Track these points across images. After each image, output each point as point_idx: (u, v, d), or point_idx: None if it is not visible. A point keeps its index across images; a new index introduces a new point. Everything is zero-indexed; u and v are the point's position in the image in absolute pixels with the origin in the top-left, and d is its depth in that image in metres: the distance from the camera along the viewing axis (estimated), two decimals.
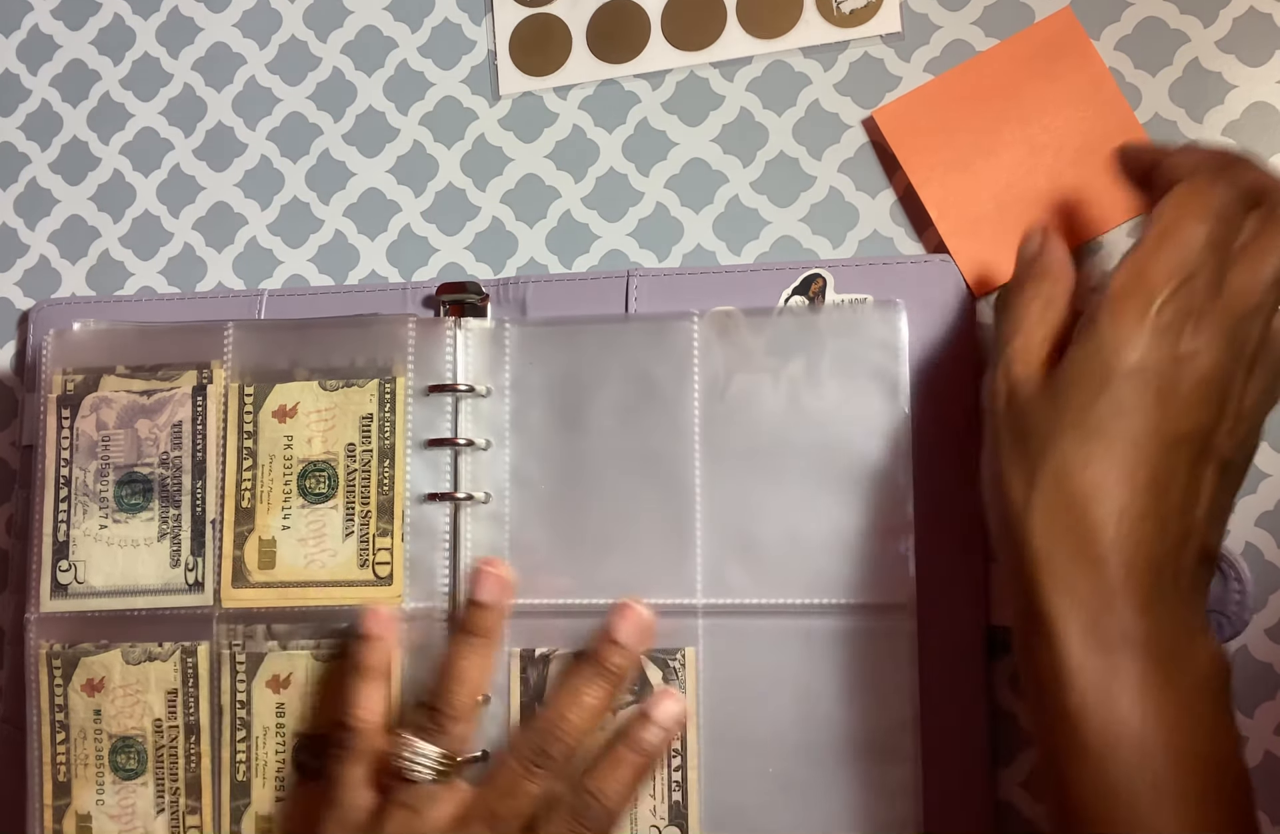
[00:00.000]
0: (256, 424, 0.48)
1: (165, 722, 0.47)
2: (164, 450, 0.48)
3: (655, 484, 0.46)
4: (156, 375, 0.49)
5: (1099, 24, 0.48)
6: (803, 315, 0.46)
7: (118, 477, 0.49)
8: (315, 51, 0.55)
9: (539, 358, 0.48)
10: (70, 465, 0.49)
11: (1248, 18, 0.47)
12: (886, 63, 0.50)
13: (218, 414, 0.48)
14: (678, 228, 0.51)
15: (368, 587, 0.46)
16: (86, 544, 0.48)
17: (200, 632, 0.47)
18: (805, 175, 0.50)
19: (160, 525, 0.48)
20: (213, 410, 0.48)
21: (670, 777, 0.44)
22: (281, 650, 0.47)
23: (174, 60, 0.56)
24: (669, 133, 0.51)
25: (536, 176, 0.52)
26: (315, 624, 0.47)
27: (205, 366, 0.49)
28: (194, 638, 0.47)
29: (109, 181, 0.56)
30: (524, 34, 0.53)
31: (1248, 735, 0.44)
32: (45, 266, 0.56)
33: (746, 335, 0.46)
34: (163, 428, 0.49)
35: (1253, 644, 0.44)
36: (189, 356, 0.49)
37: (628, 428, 0.46)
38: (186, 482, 0.48)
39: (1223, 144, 0.46)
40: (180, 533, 0.48)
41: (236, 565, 0.47)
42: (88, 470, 0.49)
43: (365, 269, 0.53)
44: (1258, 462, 0.45)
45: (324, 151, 0.54)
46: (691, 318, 0.47)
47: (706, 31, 0.51)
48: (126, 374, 0.49)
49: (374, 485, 0.47)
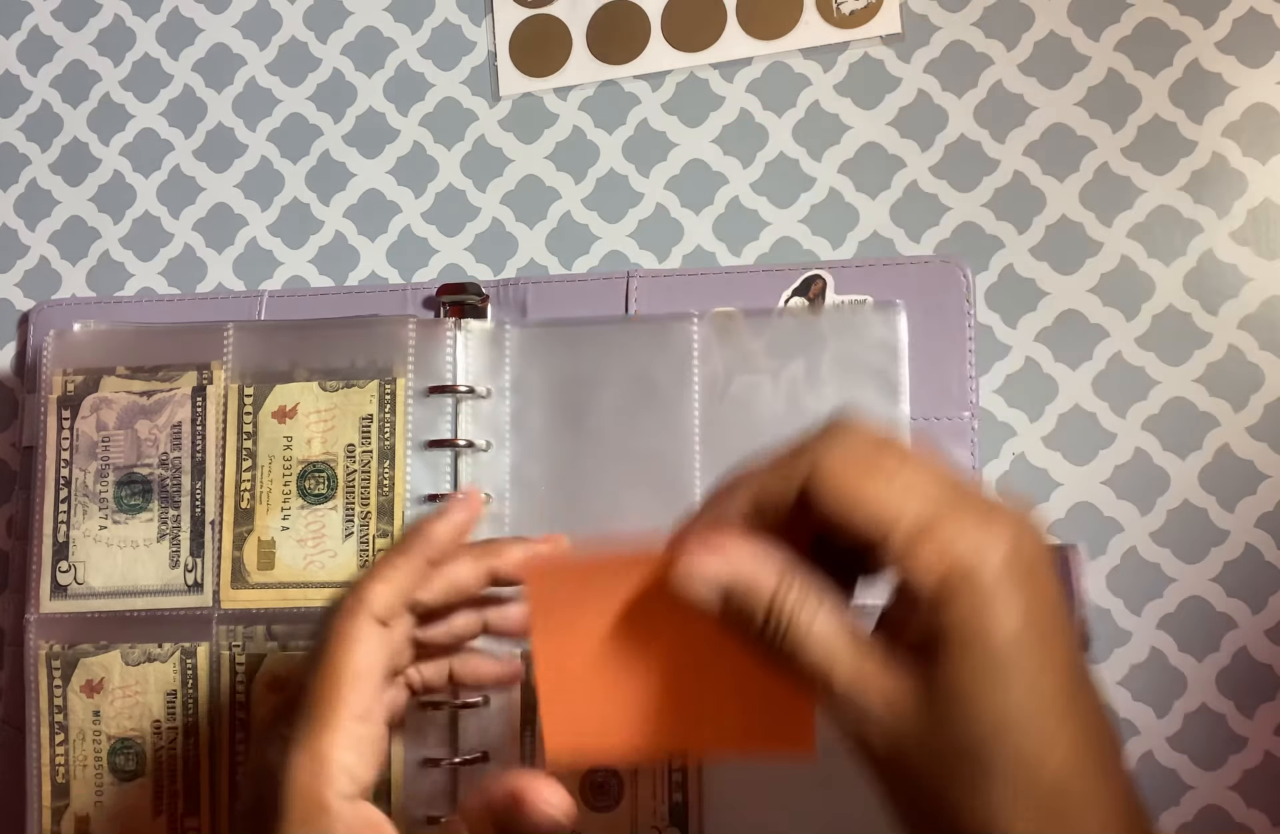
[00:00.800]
0: (256, 425, 0.48)
1: (164, 723, 0.47)
2: (164, 451, 0.48)
3: (655, 485, 0.46)
4: (156, 376, 0.49)
5: (1098, 25, 0.48)
6: (803, 316, 0.46)
7: (117, 477, 0.48)
8: (315, 52, 0.55)
9: (539, 359, 0.47)
10: (70, 466, 0.49)
11: (1248, 19, 0.47)
12: (886, 64, 0.50)
13: (217, 415, 0.48)
14: (678, 229, 0.51)
15: None
16: (86, 545, 0.48)
17: (200, 633, 0.47)
18: (805, 176, 0.50)
19: (160, 526, 0.48)
20: (212, 411, 0.48)
21: (671, 777, 0.44)
22: (281, 651, 0.47)
23: (174, 61, 0.56)
24: (669, 134, 0.51)
25: (536, 177, 0.52)
26: (315, 625, 0.46)
27: (205, 367, 0.49)
28: (194, 639, 0.47)
29: (109, 182, 0.56)
30: (524, 35, 0.53)
31: (1247, 736, 0.44)
32: (45, 267, 0.56)
33: (746, 336, 0.46)
34: (162, 428, 0.49)
35: (1253, 645, 0.44)
36: (189, 357, 0.49)
37: (628, 429, 0.46)
38: (186, 482, 0.48)
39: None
40: (180, 534, 0.48)
41: (236, 566, 0.47)
42: (88, 471, 0.49)
43: (365, 270, 0.53)
44: (1258, 462, 0.45)
45: (324, 152, 0.54)
46: (691, 319, 0.47)
47: (706, 32, 0.51)
48: (126, 375, 0.49)
49: (374, 486, 0.47)
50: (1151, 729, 0.45)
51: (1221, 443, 0.46)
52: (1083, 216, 0.48)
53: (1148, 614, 0.45)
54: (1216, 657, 0.45)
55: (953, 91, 0.49)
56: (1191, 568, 0.45)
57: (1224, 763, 0.44)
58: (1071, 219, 0.48)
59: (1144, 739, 0.45)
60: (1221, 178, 0.47)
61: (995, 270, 0.48)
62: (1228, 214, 0.47)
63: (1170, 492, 0.46)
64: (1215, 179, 0.47)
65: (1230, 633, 0.45)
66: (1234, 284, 0.46)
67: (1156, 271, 0.47)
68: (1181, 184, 0.47)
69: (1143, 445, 0.46)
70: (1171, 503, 0.46)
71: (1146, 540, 0.46)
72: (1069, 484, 0.46)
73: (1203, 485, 0.45)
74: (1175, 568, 0.45)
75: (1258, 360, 0.46)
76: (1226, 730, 0.44)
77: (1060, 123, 0.48)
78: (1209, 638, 0.45)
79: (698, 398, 0.46)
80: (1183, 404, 0.46)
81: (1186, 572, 0.45)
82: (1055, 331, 0.47)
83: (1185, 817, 0.44)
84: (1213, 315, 0.46)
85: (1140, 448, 0.46)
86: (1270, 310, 0.46)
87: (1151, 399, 0.46)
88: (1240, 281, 0.46)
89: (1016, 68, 0.49)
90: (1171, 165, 0.47)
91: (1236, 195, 0.47)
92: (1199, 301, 0.47)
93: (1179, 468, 0.46)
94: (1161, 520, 0.46)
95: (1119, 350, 0.47)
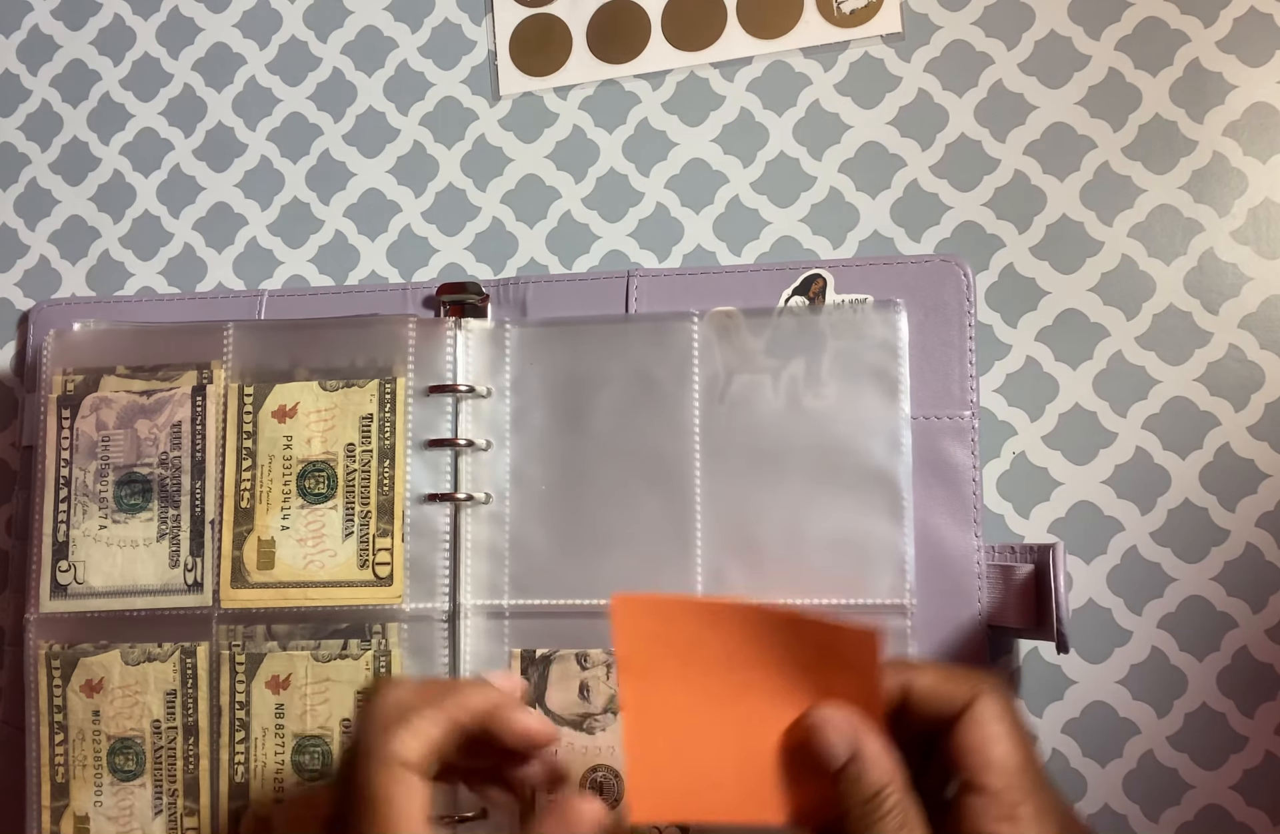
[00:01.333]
0: (256, 424, 0.48)
1: (164, 723, 0.47)
2: (163, 450, 0.48)
3: (655, 484, 0.46)
4: (156, 376, 0.49)
5: (1099, 24, 0.48)
6: (803, 316, 0.46)
7: (117, 477, 0.48)
8: (315, 52, 0.55)
9: (540, 358, 0.47)
10: (70, 466, 0.49)
11: (1248, 18, 0.47)
12: (887, 63, 0.50)
13: (217, 414, 0.48)
14: (678, 228, 0.51)
15: (367, 587, 0.46)
16: (86, 544, 0.48)
17: (199, 632, 0.47)
18: (805, 175, 0.50)
19: (159, 526, 0.48)
20: (212, 410, 0.48)
21: None
22: (281, 651, 0.47)
23: (174, 60, 0.56)
24: (669, 133, 0.51)
25: (537, 177, 0.52)
26: (315, 625, 0.46)
27: (205, 367, 0.49)
28: (193, 639, 0.47)
29: (109, 182, 0.56)
30: (524, 34, 0.53)
31: (1248, 735, 0.44)
32: (45, 267, 0.56)
33: (747, 336, 0.46)
34: (162, 428, 0.49)
35: (1253, 644, 0.44)
36: (189, 357, 0.49)
37: (628, 428, 0.46)
38: (186, 482, 0.48)
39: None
40: (179, 533, 0.48)
41: (235, 565, 0.47)
42: (87, 471, 0.49)
43: (365, 269, 0.53)
44: (1258, 461, 0.45)
45: (324, 152, 0.54)
46: (691, 318, 0.47)
47: (707, 32, 0.51)
48: (127, 374, 0.49)
49: (374, 486, 0.47)
50: (1152, 729, 0.45)
51: (1222, 442, 0.46)
52: (1083, 216, 0.48)
53: (1148, 613, 0.45)
54: (1217, 656, 0.45)
55: (953, 91, 0.49)
56: (1192, 567, 0.45)
57: (1224, 762, 0.44)
58: (1072, 218, 0.48)
59: (1144, 739, 0.45)
60: (1222, 177, 0.47)
61: (996, 269, 0.48)
62: (1228, 213, 0.47)
63: (1171, 491, 0.46)
64: (1216, 178, 0.47)
65: (1231, 632, 0.45)
66: (1234, 283, 0.46)
67: (1157, 271, 0.47)
68: (1182, 183, 0.47)
69: (1143, 444, 0.46)
70: (1172, 502, 0.46)
71: (1147, 540, 0.46)
72: (1069, 483, 0.46)
73: (1203, 485, 0.45)
74: (1176, 567, 0.45)
75: (1258, 359, 0.46)
76: (1227, 730, 0.44)
77: (1061, 122, 0.48)
78: (1209, 637, 0.45)
79: (698, 397, 0.46)
80: (1183, 403, 0.46)
81: (1187, 571, 0.45)
82: (1056, 331, 0.47)
83: (1185, 816, 0.44)
84: (1213, 314, 0.46)
85: (1141, 447, 0.46)
86: (1270, 309, 0.46)
87: (1152, 398, 0.46)
88: (1241, 281, 0.46)
89: (1017, 67, 0.49)
90: (1172, 164, 0.47)
91: (1237, 194, 0.47)
92: (1199, 301, 0.47)
93: (1179, 467, 0.46)
94: (1162, 520, 0.46)
95: (1119, 349, 0.47)
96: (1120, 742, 0.45)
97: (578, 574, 0.46)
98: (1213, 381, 0.46)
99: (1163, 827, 0.44)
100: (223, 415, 0.48)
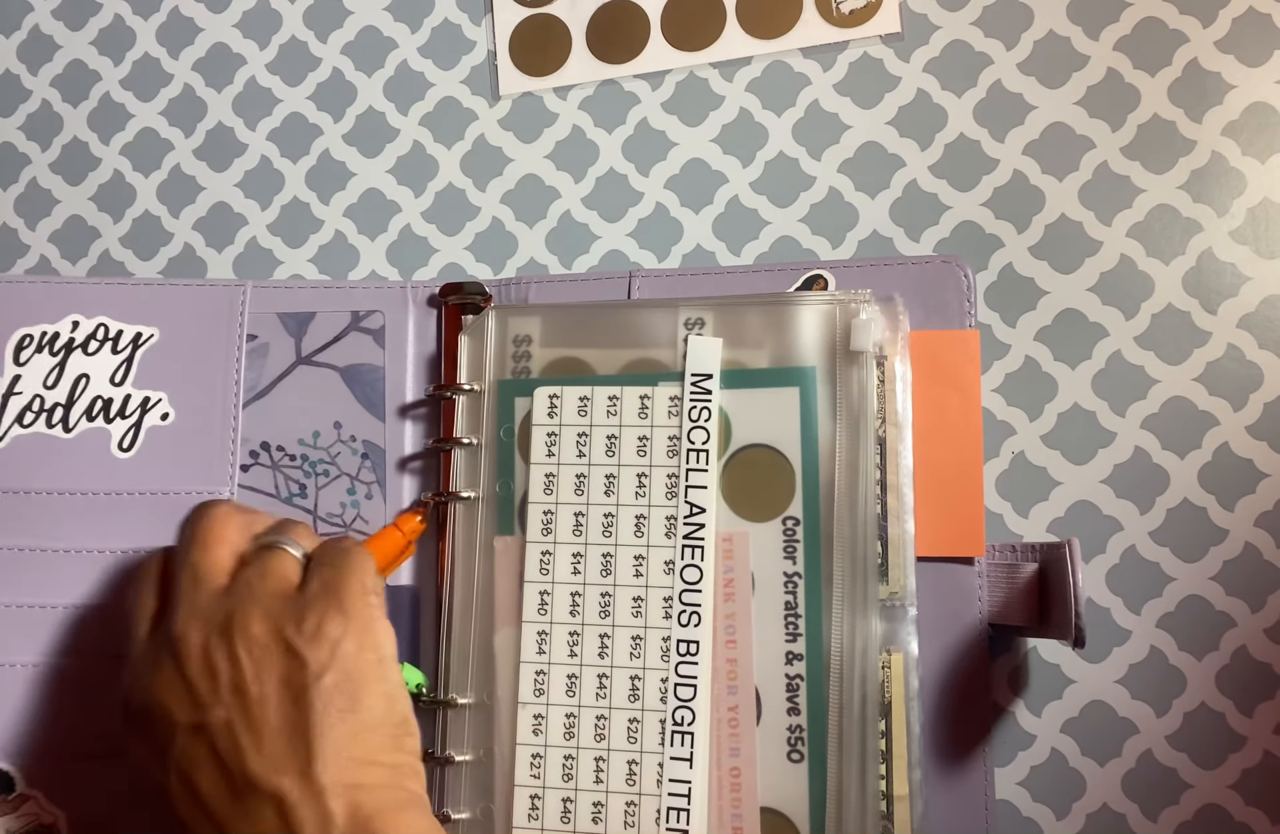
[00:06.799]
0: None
1: None
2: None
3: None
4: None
5: (1098, 24, 0.48)
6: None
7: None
8: (315, 52, 0.55)
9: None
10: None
11: (1247, 18, 0.47)
12: (886, 63, 0.50)
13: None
14: (677, 228, 0.51)
15: None
16: None
17: None
18: (804, 175, 0.50)
19: None
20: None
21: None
22: None
23: (174, 61, 0.56)
24: (669, 133, 0.51)
25: (536, 177, 0.52)
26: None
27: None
28: None
29: (109, 182, 0.56)
30: (524, 34, 0.53)
31: (1246, 735, 0.44)
32: (45, 267, 0.56)
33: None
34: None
35: (1251, 644, 0.44)
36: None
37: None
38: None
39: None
40: None
41: None
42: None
43: (365, 269, 0.53)
44: (1257, 461, 0.45)
45: (324, 152, 0.54)
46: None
47: (706, 32, 0.51)
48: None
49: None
50: (1151, 728, 0.45)
51: (1221, 442, 0.46)
52: (1082, 216, 0.48)
53: (1147, 613, 0.45)
54: (1216, 655, 0.45)
55: (952, 91, 0.49)
56: (1191, 567, 0.45)
57: (1223, 762, 0.44)
58: (1071, 218, 0.48)
59: (1143, 738, 0.45)
60: (1221, 177, 0.47)
61: (995, 269, 0.48)
62: (1227, 213, 0.47)
63: (1169, 490, 0.46)
64: (1214, 178, 0.47)
65: (1229, 632, 0.45)
66: (1233, 283, 0.46)
67: (1156, 270, 0.47)
68: (1181, 183, 0.47)
69: (1142, 444, 0.46)
70: (1171, 502, 0.46)
71: (1146, 539, 0.46)
72: (1068, 483, 0.46)
73: (1202, 484, 0.46)
74: (1174, 567, 0.45)
75: (1257, 359, 0.46)
76: (1226, 729, 0.44)
77: (1060, 122, 0.48)
78: (1208, 637, 0.45)
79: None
80: (1182, 403, 0.46)
81: (1186, 570, 0.45)
82: (1054, 330, 0.47)
83: (1184, 816, 0.44)
84: (1212, 314, 0.46)
85: (1139, 447, 0.46)
86: (1269, 309, 0.46)
87: (1151, 398, 0.46)
88: (1239, 280, 0.46)
89: (1016, 67, 0.49)
90: (1171, 164, 0.47)
91: (1236, 194, 0.47)
92: (1198, 300, 0.47)
93: (1178, 467, 0.46)
94: (1161, 519, 0.46)
95: (1118, 349, 0.47)
96: (1119, 741, 0.45)
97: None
98: (1211, 381, 0.46)
99: (1161, 826, 0.44)
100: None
